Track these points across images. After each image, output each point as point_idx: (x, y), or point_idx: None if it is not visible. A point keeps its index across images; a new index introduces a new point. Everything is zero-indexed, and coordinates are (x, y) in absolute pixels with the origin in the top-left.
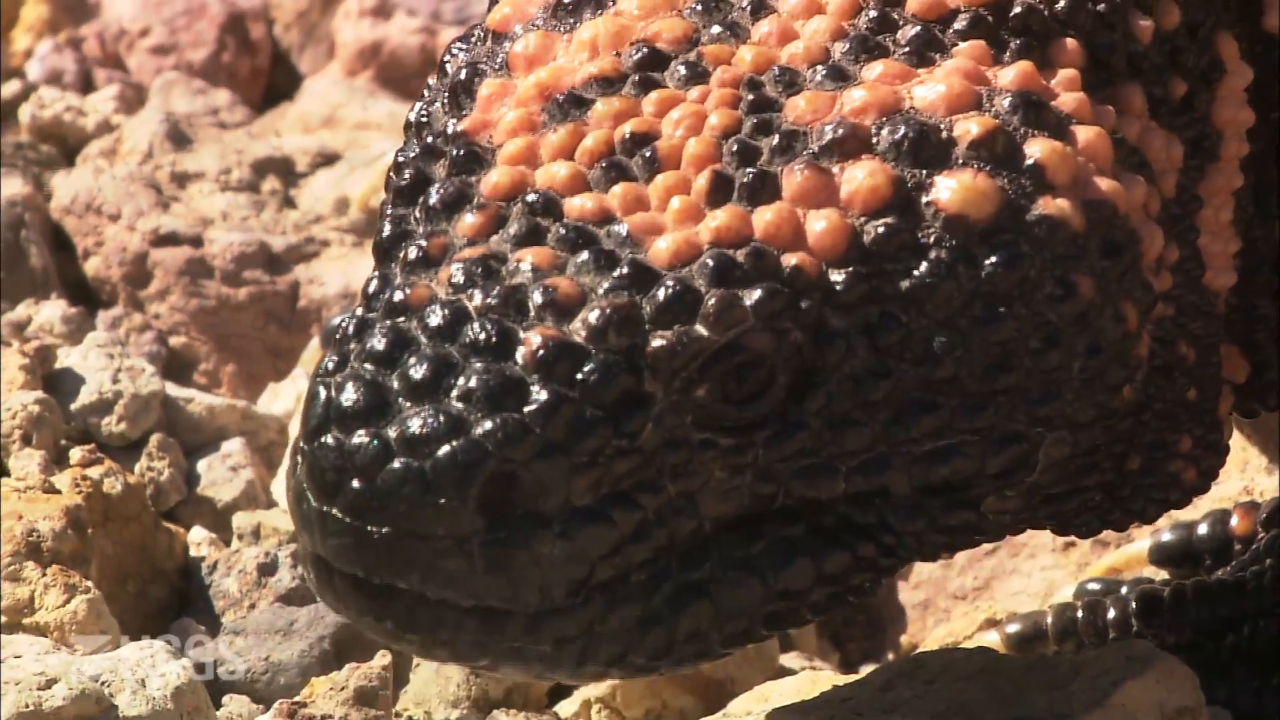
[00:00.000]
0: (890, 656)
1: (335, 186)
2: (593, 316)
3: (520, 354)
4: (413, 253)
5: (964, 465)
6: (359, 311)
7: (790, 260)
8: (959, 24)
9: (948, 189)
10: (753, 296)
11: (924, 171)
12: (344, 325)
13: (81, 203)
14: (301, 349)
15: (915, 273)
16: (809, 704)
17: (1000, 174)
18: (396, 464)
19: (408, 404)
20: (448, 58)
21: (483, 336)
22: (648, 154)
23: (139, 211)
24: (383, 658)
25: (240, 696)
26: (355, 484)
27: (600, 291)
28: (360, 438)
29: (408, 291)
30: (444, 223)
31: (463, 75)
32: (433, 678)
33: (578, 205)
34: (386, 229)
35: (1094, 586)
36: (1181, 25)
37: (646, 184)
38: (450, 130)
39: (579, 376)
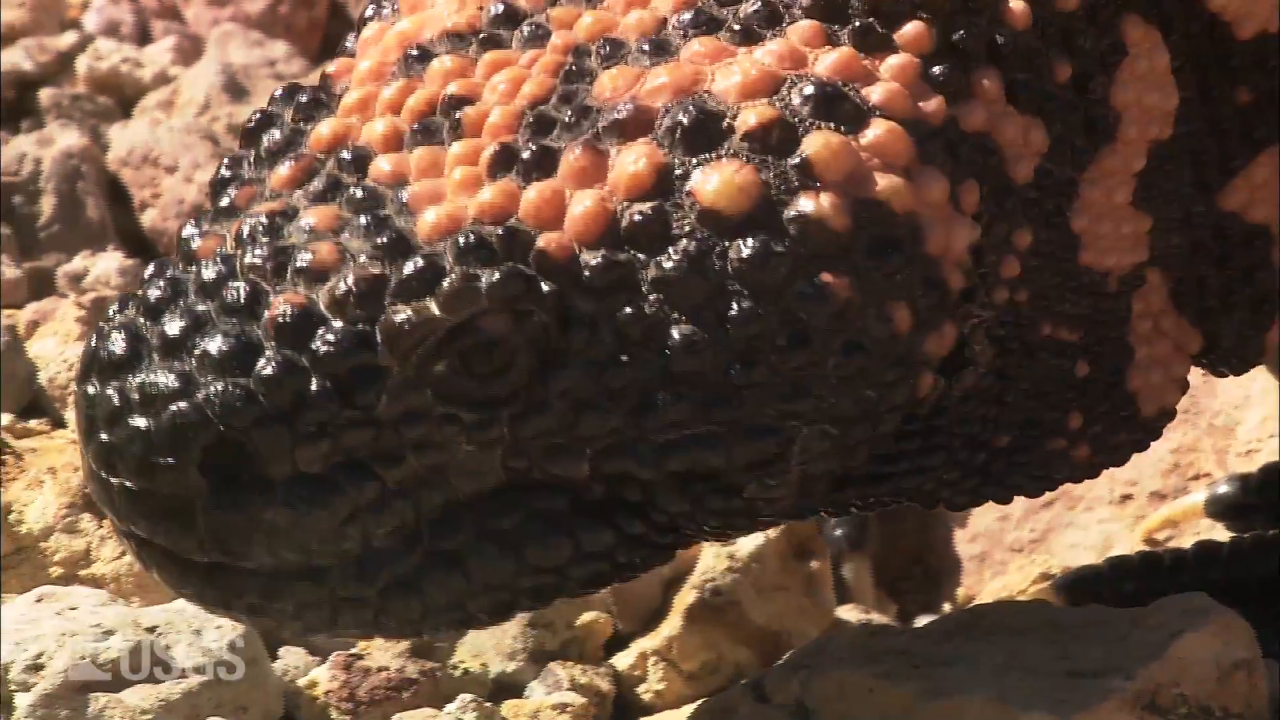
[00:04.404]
0: (947, 608)
1: None
2: (339, 286)
3: (264, 318)
4: (224, 200)
5: (708, 456)
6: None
7: (540, 242)
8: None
9: (707, 181)
10: (490, 278)
11: (693, 160)
12: (146, 268)
13: (138, 155)
14: None
15: (665, 264)
16: (866, 655)
17: (768, 167)
18: (131, 421)
19: (156, 360)
20: None
21: (233, 297)
22: (457, 118)
23: (195, 163)
24: None
25: (296, 649)
26: (101, 435)
27: (358, 260)
28: (109, 389)
29: (199, 242)
30: (265, 170)
31: (367, 13)
32: (489, 630)
33: (377, 167)
34: (220, 170)
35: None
36: (1080, 8)
37: (447, 149)
38: (322, 71)
39: (313, 345)
